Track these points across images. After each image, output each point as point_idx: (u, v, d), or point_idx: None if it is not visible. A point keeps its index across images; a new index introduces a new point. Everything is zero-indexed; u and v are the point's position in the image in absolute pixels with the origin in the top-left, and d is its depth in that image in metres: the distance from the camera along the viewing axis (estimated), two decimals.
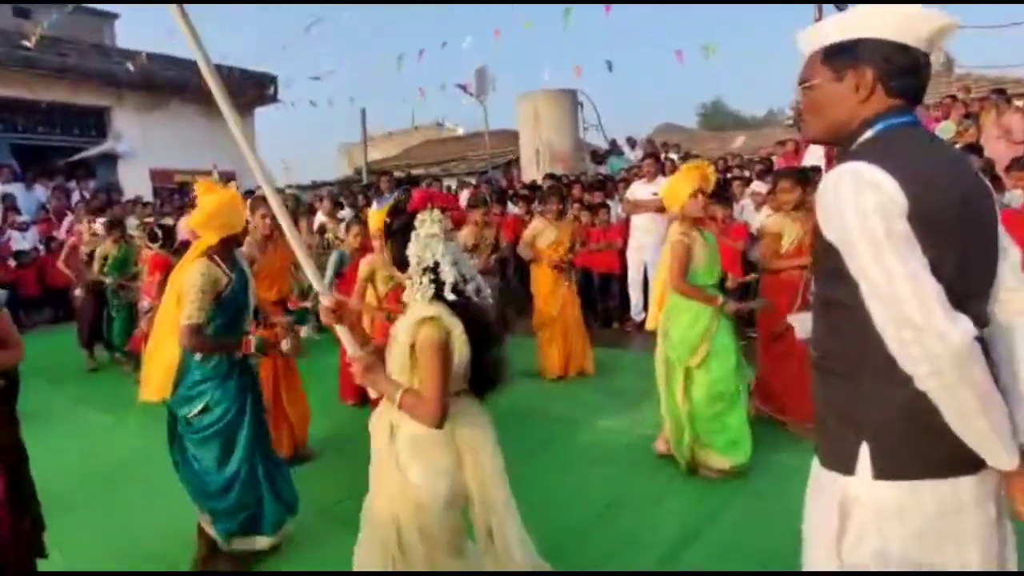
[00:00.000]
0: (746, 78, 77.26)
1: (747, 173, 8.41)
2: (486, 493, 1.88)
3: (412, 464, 1.84)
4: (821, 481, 1.36)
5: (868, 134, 1.30)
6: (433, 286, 1.81)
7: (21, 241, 10.15)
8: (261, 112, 16.92)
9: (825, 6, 8.72)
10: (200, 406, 2.65)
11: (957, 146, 5.53)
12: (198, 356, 2.65)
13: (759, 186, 6.33)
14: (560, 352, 5.16)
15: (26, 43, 11.72)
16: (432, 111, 28.80)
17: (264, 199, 3.72)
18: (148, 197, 12.91)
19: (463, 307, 1.82)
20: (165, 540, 2.94)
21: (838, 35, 1.31)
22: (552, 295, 5.12)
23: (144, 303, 5.08)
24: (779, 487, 3.02)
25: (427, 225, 1.82)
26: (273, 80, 15.87)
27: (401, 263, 1.87)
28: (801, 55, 1.41)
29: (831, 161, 7.25)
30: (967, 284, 1.21)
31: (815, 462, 1.40)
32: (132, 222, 10.41)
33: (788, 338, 3.56)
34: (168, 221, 10.39)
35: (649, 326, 3.68)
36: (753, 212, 6.17)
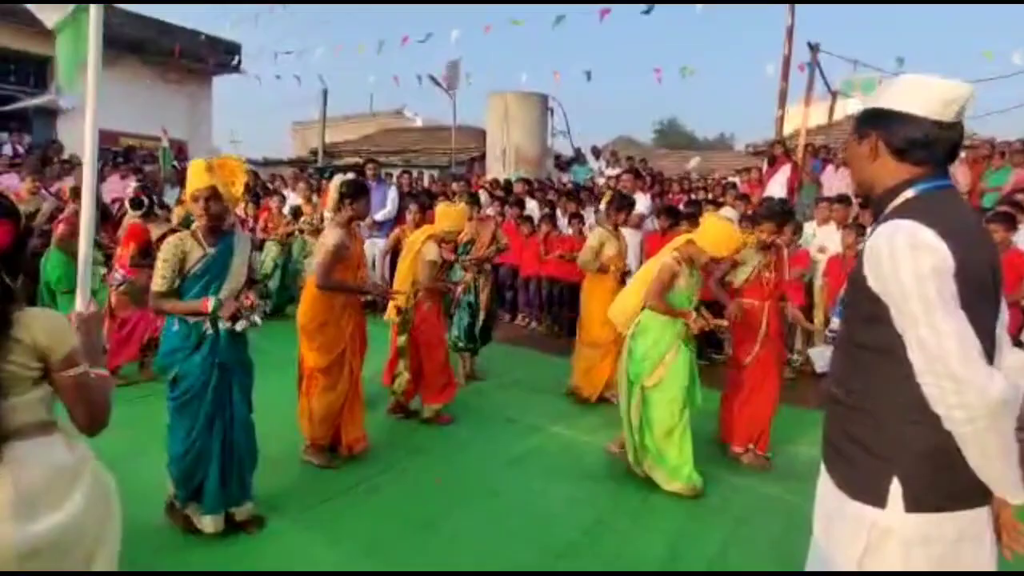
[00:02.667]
0: (700, 101, 79.89)
1: (710, 195, 8.78)
2: None
3: None
4: (846, 510, 1.48)
5: (908, 194, 1.41)
6: None
7: None
8: (219, 80, 16.22)
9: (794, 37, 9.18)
10: (171, 375, 2.78)
11: None
12: (174, 326, 2.78)
13: (729, 212, 6.61)
14: (603, 375, 4.81)
15: None
16: (393, 99, 28.25)
17: (362, 187, 3.69)
18: None
19: None
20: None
21: (870, 103, 1.50)
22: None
23: (117, 275, 4.81)
24: (760, 514, 3.33)
25: None
26: (237, 49, 15.22)
27: None
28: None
29: (792, 192, 7.68)
30: (989, 339, 1.36)
31: (827, 488, 1.53)
32: (69, 183, 9.85)
33: (751, 368, 3.85)
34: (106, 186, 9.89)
35: (610, 314, 3.86)
36: None
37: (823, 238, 6.19)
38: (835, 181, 8.01)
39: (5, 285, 1.46)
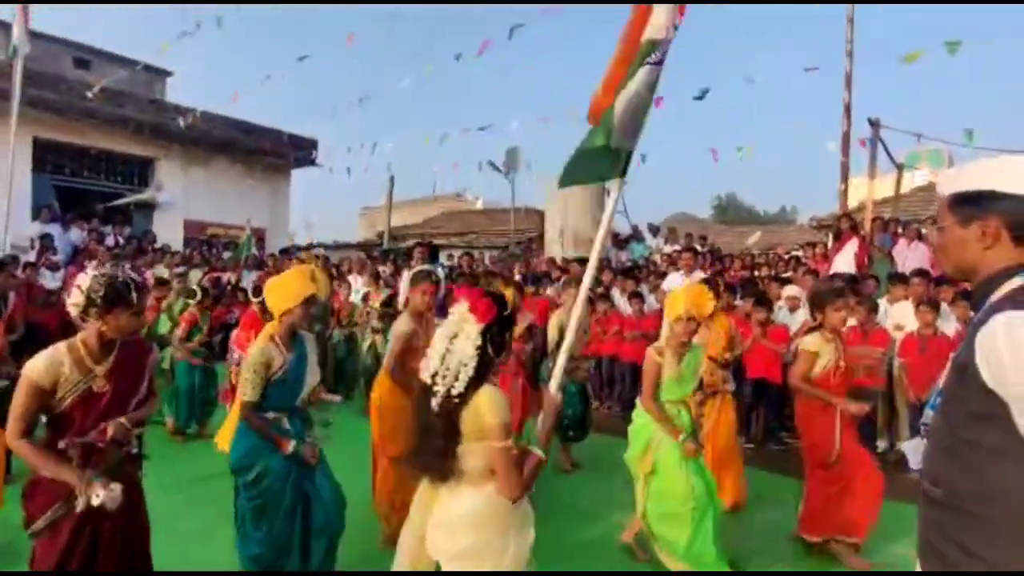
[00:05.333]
0: (759, 175, 79.76)
1: (772, 272, 8.60)
2: None
3: None
4: None
5: (1017, 282, 1.33)
6: None
7: (52, 280, 10.33)
8: (297, 172, 17.58)
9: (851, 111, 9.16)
10: (253, 475, 2.80)
11: None
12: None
13: (793, 290, 6.45)
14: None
15: (88, 94, 12.41)
16: (454, 183, 29.69)
17: (426, 274, 3.84)
18: (178, 246, 13.23)
19: None
20: None
21: (967, 184, 1.41)
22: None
23: (235, 355, 5.14)
24: None
25: None
26: (314, 144, 16.56)
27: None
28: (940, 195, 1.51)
29: (861, 268, 7.42)
30: None
31: None
32: (161, 270, 10.71)
33: (839, 466, 3.53)
34: (196, 273, 10.71)
35: None
36: (788, 315, 6.25)
37: (898, 316, 5.90)
38: (908, 255, 7.72)
39: (488, 355, 1.89)
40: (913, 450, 4.23)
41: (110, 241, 12.38)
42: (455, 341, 1.90)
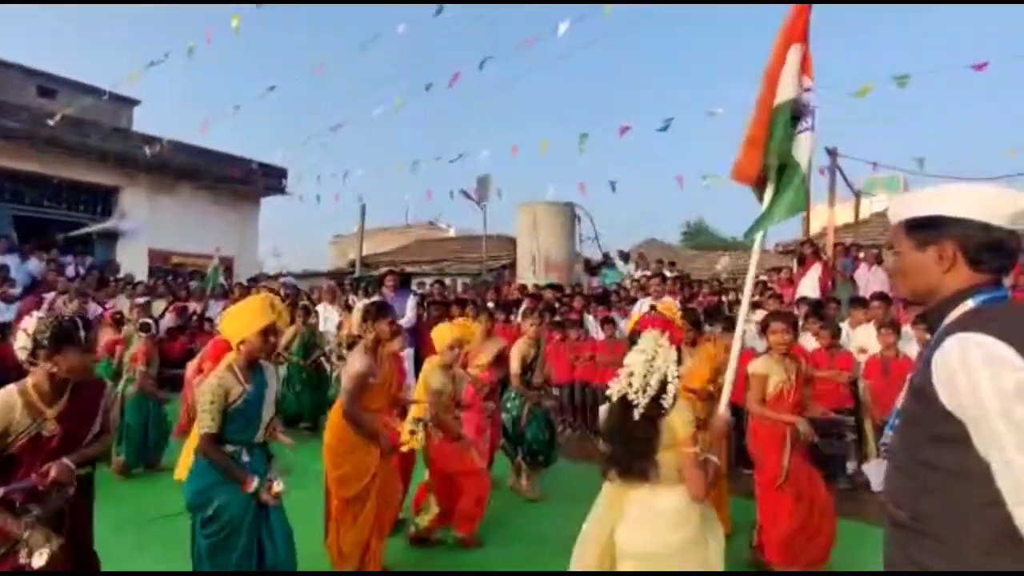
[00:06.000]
0: (725, 200, 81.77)
1: (740, 297, 8.73)
2: None
3: None
4: None
5: (968, 305, 1.36)
6: None
7: (6, 312, 9.95)
8: (266, 200, 17.40)
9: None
10: (210, 511, 2.69)
11: None
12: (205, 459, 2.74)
13: (761, 315, 6.55)
14: None
15: (50, 122, 12.17)
16: (427, 211, 29.76)
17: (386, 309, 3.67)
18: (143, 276, 12.92)
19: None
20: None
21: (921, 210, 1.42)
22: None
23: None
24: None
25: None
26: (284, 173, 16.47)
27: None
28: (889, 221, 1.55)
29: (825, 292, 7.60)
30: None
31: None
32: (123, 301, 10.42)
33: (789, 485, 3.56)
34: (160, 303, 10.44)
35: None
36: (756, 338, 6.34)
37: (861, 339, 6.04)
38: (869, 278, 7.94)
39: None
40: (874, 472, 4.28)
41: (70, 271, 12.03)
42: (655, 363, 2.25)
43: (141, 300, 10.25)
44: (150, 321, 5.98)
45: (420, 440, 3.88)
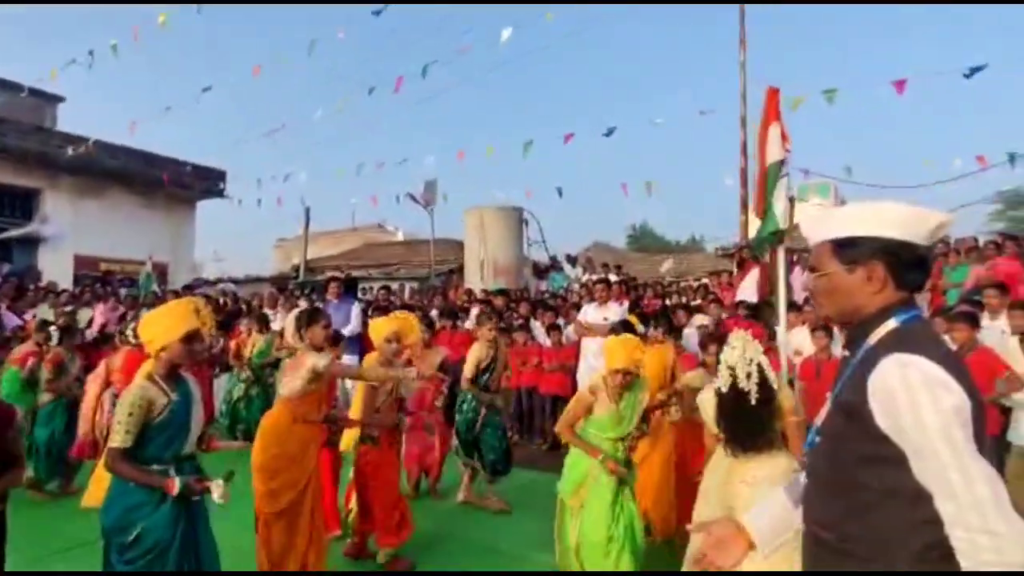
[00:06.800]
0: (668, 205, 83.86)
1: (683, 299, 8.96)
2: None
3: None
4: None
5: (891, 324, 1.35)
6: None
7: None
8: (203, 204, 16.72)
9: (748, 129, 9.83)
10: (134, 534, 2.51)
11: None
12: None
13: (704, 319, 6.72)
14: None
15: None
16: (374, 215, 29.33)
17: (320, 314, 3.64)
18: (68, 284, 12.18)
19: None
20: None
21: (845, 230, 1.39)
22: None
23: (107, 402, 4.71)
24: None
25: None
26: (222, 175, 15.85)
27: None
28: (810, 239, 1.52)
29: (764, 295, 7.86)
30: None
31: None
32: (45, 310, 9.78)
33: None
34: (86, 312, 9.84)
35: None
36: (696, 344, 6.49)
37: (797, 341, 6.26)
38: (803, 282, 8.26)
39: None
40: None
41: None
42: (747, 355, 2.81)
43: (67, 308, 9.67)
44: (52, 330, 5.55)
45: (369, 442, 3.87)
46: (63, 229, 13.71)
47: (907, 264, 1.37)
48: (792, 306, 6.67)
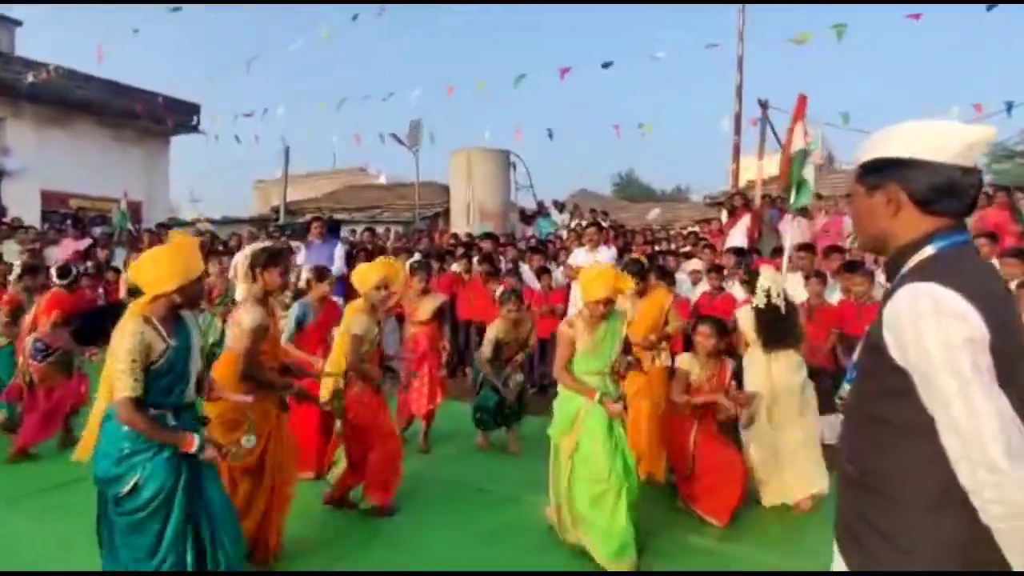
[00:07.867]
0: (655, 155, 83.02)
1: (673, 246, 8.89)
2: None
3: None
4: None
5: (928, 251, 1.29)
6: None
7: None
8: (178, 139, 16.03)
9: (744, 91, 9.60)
10: (131, 483, 2.35)
11: None
12: (124, 426, 2.37)
13: (696, 264, 6.65)
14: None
15: None
16: (356, 156, 28.48)
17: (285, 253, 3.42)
18: (35, 220, 11.70)
19: None
20: None
21: (871, 153, 1.36)
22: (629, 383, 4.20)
23: (38, 344, 4.50)
24: None
25: None
26: (197, 109, 15.13)
27: None
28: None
29: (753, 242, 7.80)
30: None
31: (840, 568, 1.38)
32: (12, 246, 9.39)
33: (697, 470, 3.83)
34: (52, 250, 9.45)
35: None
36: (690, 288, 6.43)
37: (790, 288, 6.21)
38: (793, 230, 8.20)
39: None
40: (829, 426, 4.43)
41: None
42: (774, 280, 4.01)
43: (33, 246, 9.28)
44: (15, 264, 5.35)
45: (339, 410, 3.73)
46: (26, 162, 13.07)
47: (931, 187, 1.27)
48: (779, 253, 6.61)
